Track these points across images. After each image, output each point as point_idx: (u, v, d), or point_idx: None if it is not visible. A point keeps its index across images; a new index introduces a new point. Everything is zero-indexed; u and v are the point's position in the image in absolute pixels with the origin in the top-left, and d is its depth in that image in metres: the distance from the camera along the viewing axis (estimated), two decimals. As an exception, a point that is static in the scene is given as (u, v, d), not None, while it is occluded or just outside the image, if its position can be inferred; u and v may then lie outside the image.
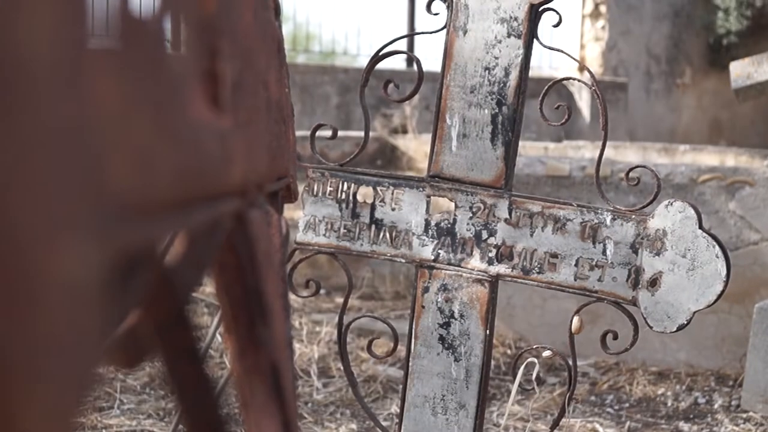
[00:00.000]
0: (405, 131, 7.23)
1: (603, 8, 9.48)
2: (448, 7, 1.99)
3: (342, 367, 3.62)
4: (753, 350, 3.40)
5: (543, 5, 1.94)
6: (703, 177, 3.92)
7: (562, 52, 2.02)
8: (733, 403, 3.49)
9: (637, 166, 1.95)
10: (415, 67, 2.13)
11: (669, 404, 3.51)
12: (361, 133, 7.04)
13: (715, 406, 3.49)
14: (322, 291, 2.07)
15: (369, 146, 6.65)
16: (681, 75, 10.12)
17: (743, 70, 4.02)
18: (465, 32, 1.97)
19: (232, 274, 0.65)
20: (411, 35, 2.26)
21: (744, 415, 3.36)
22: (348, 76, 8.07)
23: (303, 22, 10.00)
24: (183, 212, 0.41)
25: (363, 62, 9.78)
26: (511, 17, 1.94)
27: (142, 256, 0.37)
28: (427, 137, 7.00)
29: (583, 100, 8.41)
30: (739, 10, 9.65)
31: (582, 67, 2.09)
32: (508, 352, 3.97)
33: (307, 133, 2.16)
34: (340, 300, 4.56)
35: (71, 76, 0.27)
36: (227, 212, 0.57)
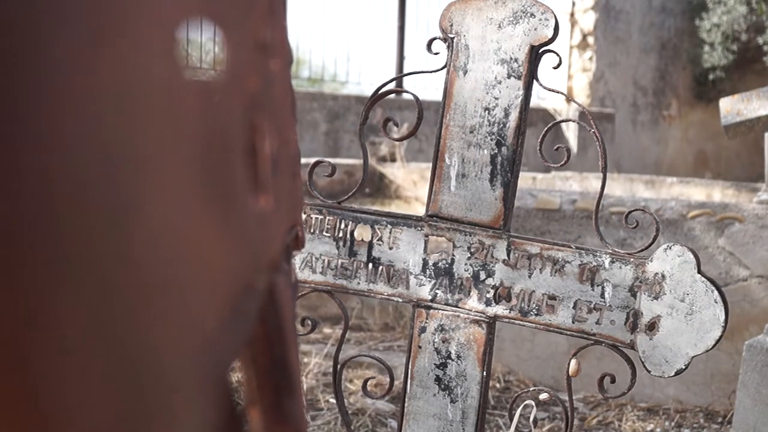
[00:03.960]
0: (393, 159, 7.24)
1: (591, 39, 9.54)
2: (448, 47, 1.99)
3: (330, 400, 3.60)
4: (742, 387, 3.40)
5: (543, 47, 1.95)
6: (693, 213, 3.94)
7: (561, 93, 2.02)
8: (723, 440, 3.48)
9: (636, 210, 1.95)
10: (404, 96, 2.13)
11: (658, 441, 3.51)
12: (350, 161, 7.03)
13: (705, 443, 3.48)
14: (309, 321, 2.05)
15: (357, 174, 6.66)
16: (667, 107, 10.18)
17: (733, 107, 4.05)
18: (465, 72, 1.97)
19: (260, 345, 0.64)
20: (411, 74, 2.25)
21: (733, 453, 3.35)
22: (337, 103, 8.08)
23: (293, 47, 10.01)
24: (238, 312, 0.41)
25: (352, 89, 9.80)
26: (511, 58, 1.95)
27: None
28: (415, 165, 7.03)
29: (570, 131, 8.44)
30: (725, 44, 9.74)
31: (569, 99, 2.09)
32: (497, 386, 3.95)
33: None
34: (328, 331, 4.54)
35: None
36: (262, 288, 0.56)
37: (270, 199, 0.52)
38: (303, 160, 2.21)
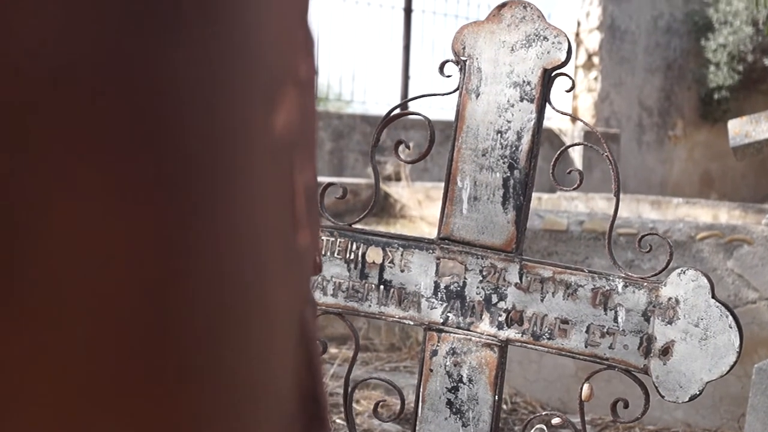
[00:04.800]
0: (398, 179, 7.24)
1: (596, 59, 9.55)
2: (460, 70, 1.99)
3: (338, 421, 3.58)
4: (752, 411, 3.38)
5: (556, 70, 1.94)
6: (702, 234, 3.93)
7: (573, 117, 2.01)
8: (732, 464, 3.46)
9: (648, 234, 1.94)
10: (410, 116, 2.14)
11: (667, 464, 3.49)
12: (355, 180, 7.02)
13: (714, 467, 3.46)
14: (319, 343, 2.04)
15: (362, 193, 6.66)
16: (673, 127, 10.18)
17: (741, 129, 4.04)
18: (478, 95, 1.97)
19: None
20: (423, 96, 2.25)
21: (743, 477, 3.33)
22: (342, 122, 8.09)
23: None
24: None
25: (357, 108, 9.82)
26: (524, 81, 1.94)
27: None
28: (420, 185, 7.01)
29: (576, 151, 8.43)
30: (731, 64, 9.75)
31: (577, 120, 2.08)
32: (504, 407, 3.94)
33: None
34: (334, 351, 4.52)
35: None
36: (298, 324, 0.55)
37: (307, 234, 0.52)
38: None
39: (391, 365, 4.37)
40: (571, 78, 1.94)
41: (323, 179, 2.14)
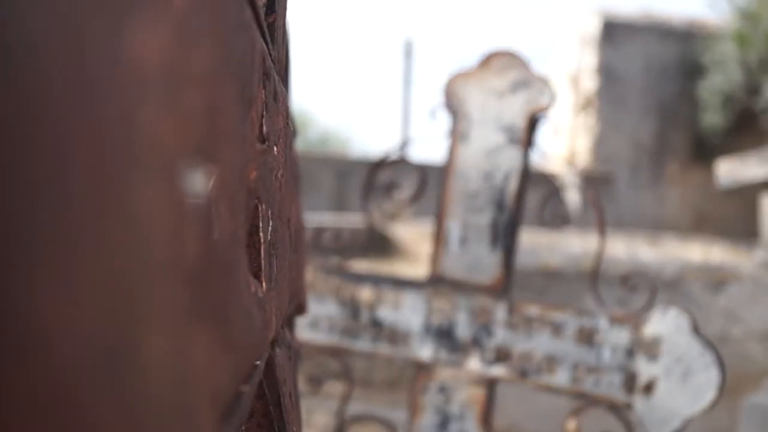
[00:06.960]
0: (398, 217, 7.29)
1: (592, 101, 9.63)
2: (451, 115, 2.06)
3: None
4: (742, 447, 3.41)
5: (541, 114, 2.01)
6: (692, 273, 3.98)
7: (563, 160, 2.08)
8: (723, 500, 3.49)
9: (634, 274, 2.00)
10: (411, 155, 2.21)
11: (659, 501, 3.51)
12: (356, 219, 6.98)
13: (705, 503, 3.48)
14: (316, 379, 2.09)
15: (362, 233, 6.70)
16: (666, 167, 10.25)
17: (729, 170, 4.11)
18: (467, 139, 2.04)
19: (259, 422, 0.67)
20: (413, 142, 2.32)
21: None
22: (343, 163, 8.17)
23: (301, 108, 10.14)
24: (237, 403, 0.45)
25: (358, 148, 9.90)
26: (510, 126, 2.01)
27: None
28: (420, 223, 6.99)
29: (572, 190, 8.49)
30: (723, 107, 9.84)
31: (571, 159, 2.15)
32: (499, 444, 3.96)
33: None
34: (335, 386, 4.54)
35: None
36: (261, 366, 0.59)
37: (268, 282, 0.57)
38: (310, 218, 2.28)
39: (390, 400, 4.40)
40: (553, 122, 2.01)
41: (323, 219, 2.20)
